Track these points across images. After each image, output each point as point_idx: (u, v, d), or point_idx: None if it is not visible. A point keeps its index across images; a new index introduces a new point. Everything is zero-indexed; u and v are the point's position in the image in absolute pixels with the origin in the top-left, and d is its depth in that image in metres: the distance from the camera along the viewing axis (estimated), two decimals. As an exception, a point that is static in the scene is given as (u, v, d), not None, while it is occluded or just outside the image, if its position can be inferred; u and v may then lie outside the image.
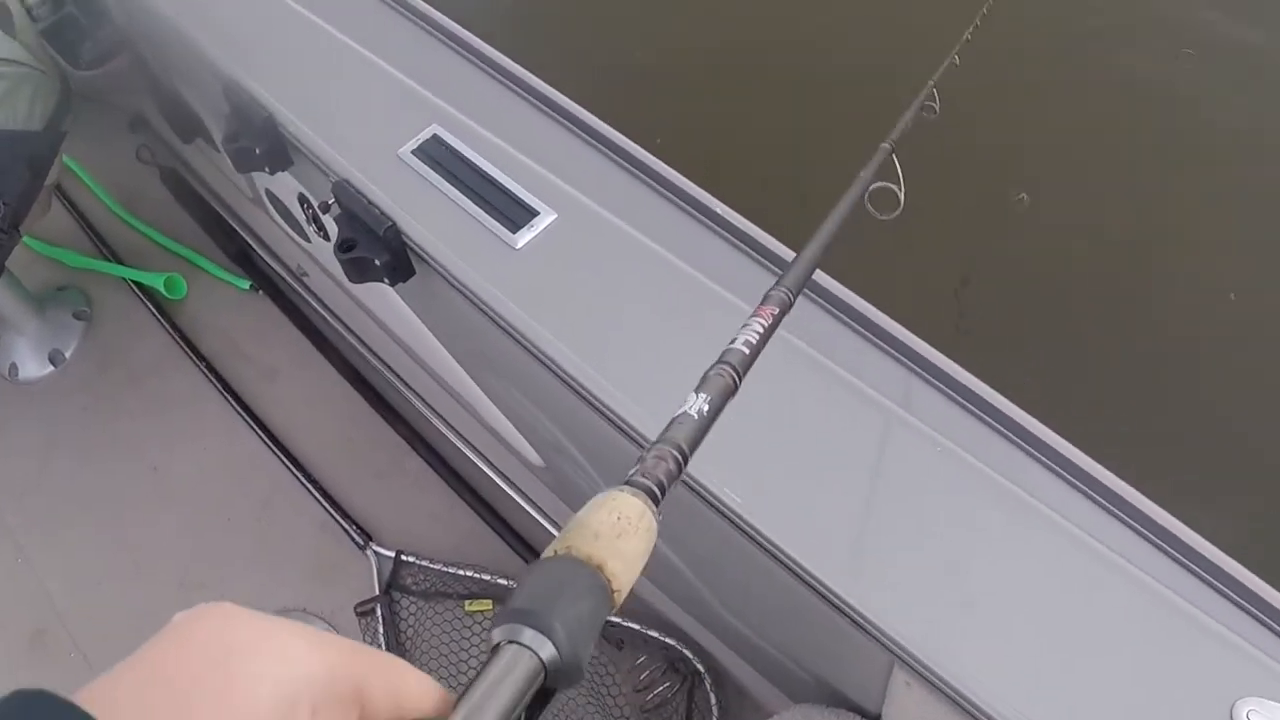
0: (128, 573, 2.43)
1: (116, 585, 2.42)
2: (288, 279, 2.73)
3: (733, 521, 1.25)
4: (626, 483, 0.68)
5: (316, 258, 2.29)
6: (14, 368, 2.83)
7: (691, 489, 1.28)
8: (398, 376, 2.49)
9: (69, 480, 2.63)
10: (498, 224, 1.50)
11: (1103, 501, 1.24)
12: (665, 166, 1.57)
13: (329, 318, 2.63)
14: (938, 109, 1.56)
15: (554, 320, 1.41)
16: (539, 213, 1.50)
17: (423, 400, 2.44)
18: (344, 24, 1.80)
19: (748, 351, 0.90)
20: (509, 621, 0.53)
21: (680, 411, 0.79)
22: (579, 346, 1.38)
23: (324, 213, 1.65)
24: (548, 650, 0.52)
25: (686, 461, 0.73)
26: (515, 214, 1.50)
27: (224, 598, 0.50)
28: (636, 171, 1.57)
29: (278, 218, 2.30)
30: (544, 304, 1.43)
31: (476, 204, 1.52)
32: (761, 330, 0.93)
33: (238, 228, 2.84)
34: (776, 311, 0.97)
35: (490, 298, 1.44)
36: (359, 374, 2.57)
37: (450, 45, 1.76)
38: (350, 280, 1.61)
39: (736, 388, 0.86)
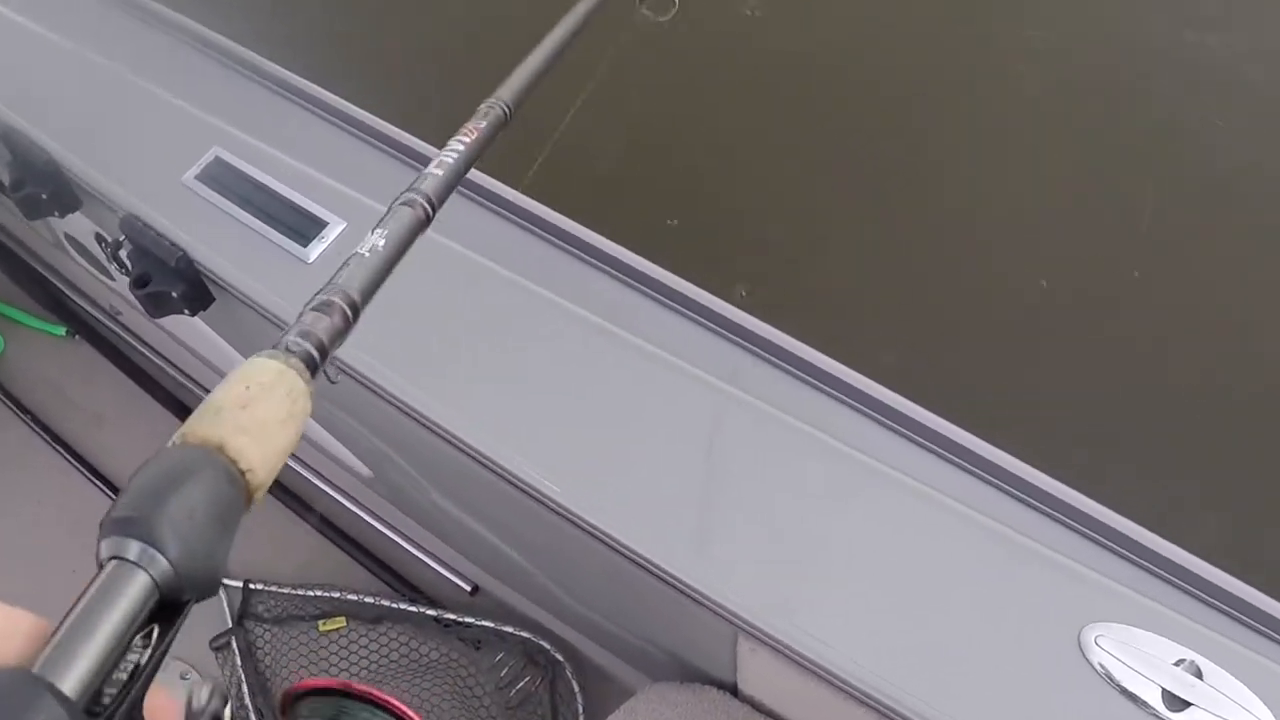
0: None
1: None
2: (103, 320, 2.66)
3: (559, 513, 1.26)
4: (273, 346, 0.59)
5: (125, 295, 2.24)
6: None
7: (516, 486, 1.28)
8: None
9: None
10: (287, 240, 1.48)
11: (923, 441, 1.26)
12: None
13: (149, 354, 2.57)
14: None
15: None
16: (328, 223, 1.49)
17: None
18: (112, 52, 1.76)
19: (441, 174, 0.79)
20: (110, 534, 0.45)
21: (353, 251, 0.69)
22: (376, 349, 1.38)
23: (116, 250, 1.62)
24: (159, 564, 0.44)
25: (357, 314, 0.65)
26: (304, 227, 1.49)
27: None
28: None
29: (81, 260, 2.24)
30: None
31: (264, 222, 1.50)
32: (462, 149, 0.81)
33: (46, 274, 2.75)
34: (484, 127, 0.85)
35: (287, 314, 1.43)
36: (186, 408, 2.51)
37: (224, 61, 1.74)
38: (150, 315, 1.59)
39: (429, 219, 0.75)
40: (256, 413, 0.52)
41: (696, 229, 2.83)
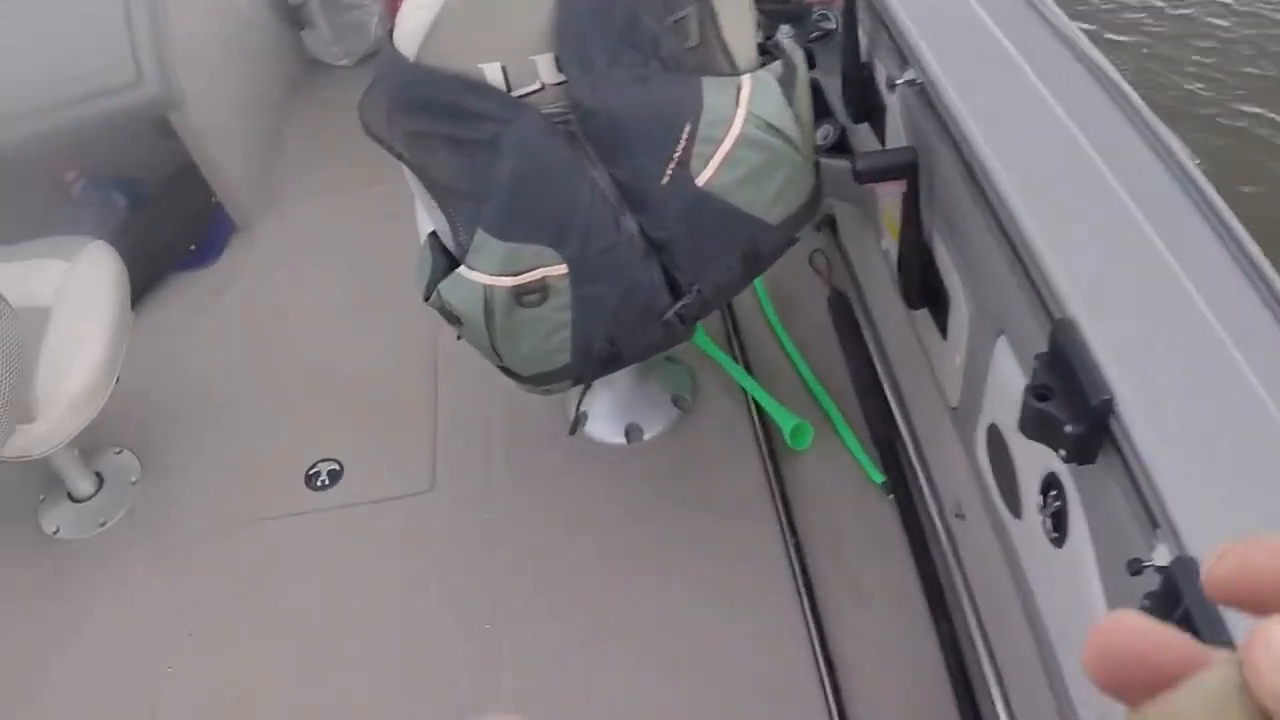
0: (595, 668, 2.22)
1: (581, 674, 2.21)
2: (931, 504, 2.25)
3: None
4: None
5: (1009, 530, 1.83)
6: (583, 416, 2.57)
7: None
8: (1002, 690, 1.95)
9: (585, 562, 2.39)
10: None
11: None
12: None
13: (957, 576, 2.13)
14: None
15: None
16: None
17: None
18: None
19: None
20: None
21: None
22: None
23: (1161, 592, 1.18)
24: None
25: None
26: None
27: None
28: None
29: (981, 455, 1.86)
30: None
31: None
32: None
33: (898, 414, 2.40)
34: None
35: None
36: (961, 657, 2.06)
37: None
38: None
39: None
40: None
41: None
